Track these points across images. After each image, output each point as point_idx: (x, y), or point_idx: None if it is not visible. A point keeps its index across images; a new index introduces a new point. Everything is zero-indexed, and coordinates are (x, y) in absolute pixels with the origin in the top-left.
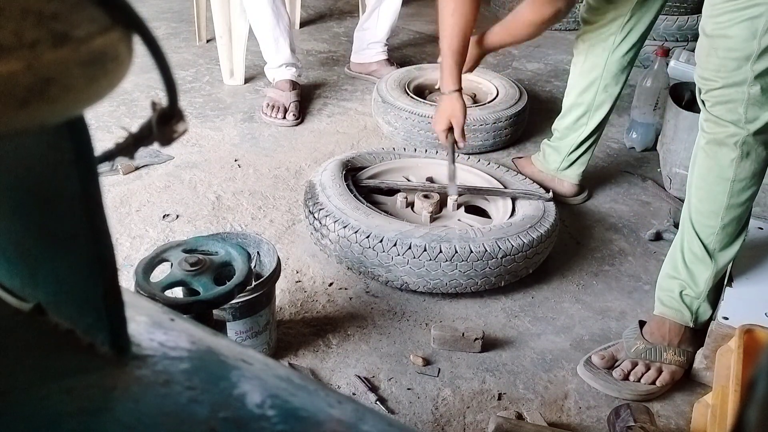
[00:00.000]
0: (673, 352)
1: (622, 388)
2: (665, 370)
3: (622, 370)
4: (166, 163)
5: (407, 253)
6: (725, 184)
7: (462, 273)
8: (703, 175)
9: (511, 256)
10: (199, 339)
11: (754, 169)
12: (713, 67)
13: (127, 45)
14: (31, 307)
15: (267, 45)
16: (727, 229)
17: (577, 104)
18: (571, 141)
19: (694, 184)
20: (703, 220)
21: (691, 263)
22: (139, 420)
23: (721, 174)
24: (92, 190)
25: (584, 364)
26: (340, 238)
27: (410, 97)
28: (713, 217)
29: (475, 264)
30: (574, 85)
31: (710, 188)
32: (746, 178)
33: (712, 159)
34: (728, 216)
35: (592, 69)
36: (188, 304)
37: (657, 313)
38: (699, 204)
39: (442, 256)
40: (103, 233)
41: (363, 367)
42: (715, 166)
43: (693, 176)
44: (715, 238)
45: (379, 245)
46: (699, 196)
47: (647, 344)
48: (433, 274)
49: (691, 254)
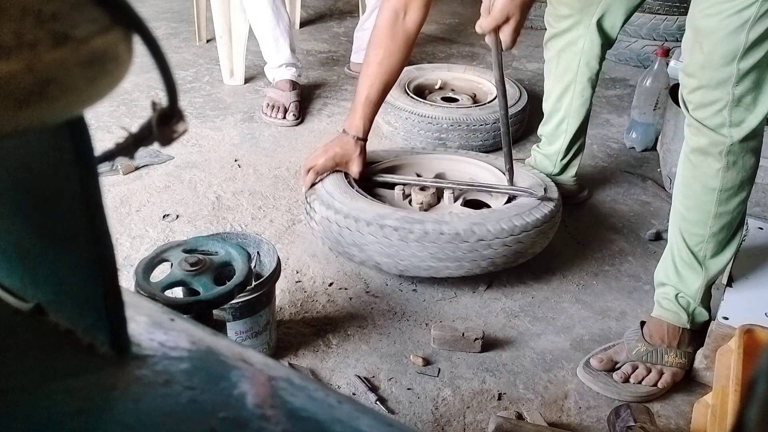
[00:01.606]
0: (674, 354)
1: (622, 390)
2: (666, 372)
3: (623, 373)
4: (166, 163)
5: (379, 232)
6: (711, 194)
7: (431, 255)
8: (689, 184)
9: (487, 242)
10: (199, 339)
11: (741, 177)
12: (697, 63)
13: (127, 45)
14: (31, 307)
15: (267, 45)
16: (717, 237)
17: (556, 109)
18: (557, 147)
19: (680, 191)
20: (690, 228)
21: (681, 269)
22: (139, 420)
23: (707, 183)
24: (92, 190)
25: (583, 367)
26: (322, 218)
27: (410, 97)
28: (701, 226)
29: (445, 246)
30: (551, 90)
31: (696, 197)
32: (733, 187)
33: (696, 168)
34: (717, 224)
35: (564, 73)
36: (188, 304)
37: (655, 315)
38: (686, 212)
39: (412, 236)
40: (103, 233)
41: (363, 367)
42: (700, 175)
43: (678, 183)
44: (704, 246)
45: (354, 224)
46: (686, 205)
47: (648, 347)
48: (402, 254)
49: (681, 261)
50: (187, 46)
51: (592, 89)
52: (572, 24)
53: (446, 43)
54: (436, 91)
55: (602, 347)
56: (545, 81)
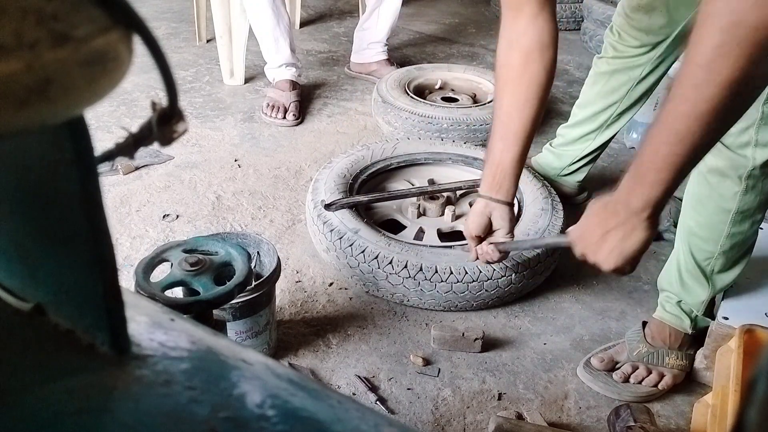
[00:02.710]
0: (675, 357)
1: (623, 390)
2: (667, 374)
3: (623, 373)
4: (166, 163)
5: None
6: (726, 215)
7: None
8: (702, 202)
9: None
10: (199, 339)
11: (760, 200)
12: None
13: (127, 45)
14: (31, 307)
15: (267, 45)
16: (728, 255)
17: (590, 120)
18: (575, 153)
19: (692, 207)
20: (700, 244)
21: (687, 281)
22: (139, 420)
23: (722, 204)
24: (92, 190)
25: (584, 367)
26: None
27: (410, 97)
28: (711, 243)
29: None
30: (591, 102)
31: (709, 215)
32: (750, 209)
33: (713, 189)
34: (728, 243)
35: (612, 93)
36: (188, 304)
37: (657, 317)
38: (696, 228)
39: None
40: (103, 233)
41: (363, 367)
42: (716, 196)
43: (690, 198)
44: (714, 261)
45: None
46: (697, 221)
47: (650, 348)
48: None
49: (688, 273)
50: (187, 46)
51: (633, 112)
52: (636, 54)
53: (446, 43)
54: (436, 91)
55: (603, 347)
56: (586, 88)
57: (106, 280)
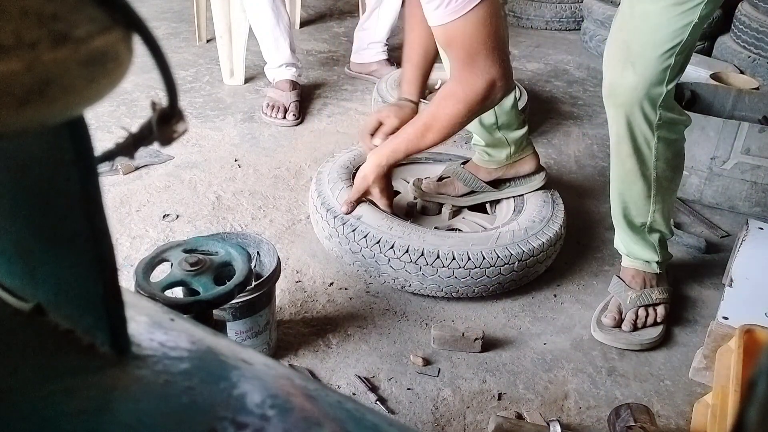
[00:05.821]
0: (658, 292)
1: (643, 339)
2: (659, 307)
3: (631, 322)
4: (166, 163)
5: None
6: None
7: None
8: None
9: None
10: (199, 339)
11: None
12: None
13: (127, 45)
14: (31, 307)
15: (267, 45)
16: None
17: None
18: (518, 134)
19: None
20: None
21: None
22: (139, 420)
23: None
24: (92, 190)
25: (599, 329)
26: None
27: None
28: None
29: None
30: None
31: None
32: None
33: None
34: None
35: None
36: (188, 304)
37: (627, 265)
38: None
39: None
40: (103, 233)
41: (363, 367)
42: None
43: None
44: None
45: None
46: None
47: (636, 292)
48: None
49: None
50: (187, 46)
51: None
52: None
53: None
54: (435, 90)
55: (600, 307)
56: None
57: (106, 280)
